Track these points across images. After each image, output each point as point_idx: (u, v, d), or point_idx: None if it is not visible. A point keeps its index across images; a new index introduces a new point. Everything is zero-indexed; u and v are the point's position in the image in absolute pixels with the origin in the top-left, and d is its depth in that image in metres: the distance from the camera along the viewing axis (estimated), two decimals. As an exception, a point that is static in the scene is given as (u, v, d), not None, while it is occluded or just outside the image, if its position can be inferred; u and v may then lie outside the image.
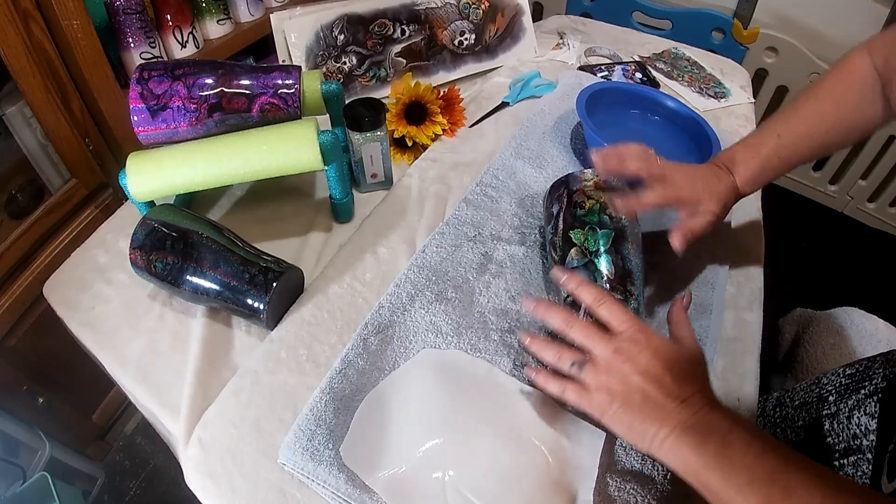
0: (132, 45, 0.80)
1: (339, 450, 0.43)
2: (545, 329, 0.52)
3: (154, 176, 0.54)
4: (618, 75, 0.93)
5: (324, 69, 0.80)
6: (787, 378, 0.73)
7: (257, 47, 1.03)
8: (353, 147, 0.63)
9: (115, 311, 0.56)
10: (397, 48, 0.83)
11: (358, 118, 0.60)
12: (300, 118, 0.58)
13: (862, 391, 0.50)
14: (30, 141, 0.76)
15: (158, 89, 0.54)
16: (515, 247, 0.61)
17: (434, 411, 0.45)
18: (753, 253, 0.66)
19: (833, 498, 0.31)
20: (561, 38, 1.04)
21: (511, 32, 0.93)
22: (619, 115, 0.78)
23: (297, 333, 0.52)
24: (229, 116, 0.56)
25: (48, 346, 0.81)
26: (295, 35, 0.78)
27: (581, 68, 0.94)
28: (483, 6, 0.88)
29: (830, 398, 0.54)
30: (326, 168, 0.57)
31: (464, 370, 0.49)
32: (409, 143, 0.74)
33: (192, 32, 0.89)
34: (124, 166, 0.54)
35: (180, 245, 0.51)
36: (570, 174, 0.56)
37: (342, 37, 0.80)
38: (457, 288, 0.56)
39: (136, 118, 0.54)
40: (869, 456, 0.46)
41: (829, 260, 1.53)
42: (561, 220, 0.53)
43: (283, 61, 0.79)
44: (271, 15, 0.77)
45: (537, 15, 1.70)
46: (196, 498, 0.44)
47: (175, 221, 0.53)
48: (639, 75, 0.94)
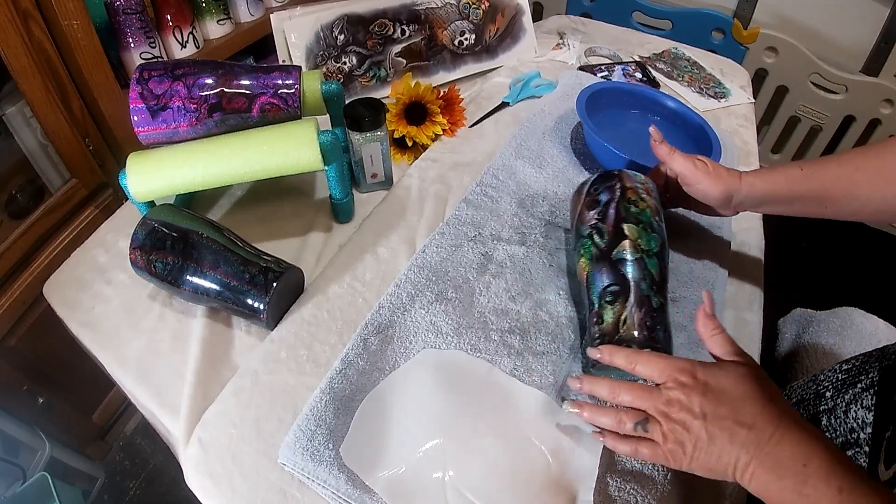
0: (132, 45, 0.80)
1: (339, 450, 0.43)
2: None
3: (154, 176, 0.54)
4: (618, 75, 0.93)
5: (324, 69, 0.80)
6: (786, 378, 0.73)
7: (257, 47, 1.03)
8: (353, 147, 0.63)
9: (115, 311, 0.56)
10: (397, 48, 0.83)
11: (358, 118, 0.60)
12: (300, 118, 0.58)
13: (858, 385, 0.51)
14: (30, 141, 0.75)
15: (158, 89, 0.54)
16: (515, 247, 0.61)
17: (434, 411, 0.45)
18: (753, 253, 0.67)
19: None
20: (561, 38, 1.04)
21: (511, 32, 0.93)
22: (619, 115, 0.78)
23: (297, 333, 0.52)
24: (229, 116, 0.56)
25: (48, 346, 0.81)
26: (295, 35, 0.78)
27: (581, 68, 0.94)
28: (483, 6, 0.88)
29: (827, 394, 0.54)
30: (326, 168, 0.57)
31: (464, 370, 0.49)
32: (409, 143, 0.74)
33: (192, 32, 0.89)
34: (124, 166, 0.54)
35: (180, 245, 0.51)
36: (623, 171, 0.56)
37: (342, 37, 0.80)
38: (457, 288, 0.56)
39: (136, 118, 0.54)
40: (866, 449, 0.46)
41: (829, 260, 1.53)
42: (612, 210, 0.52)
43: (283, 61, 0.79)
44: (271, 15, 0.77)
45: (537, 15, 1.70)
46: (196, 498, 0.44)
47: (175, 221, 0.53)
48: (639, 75, 0.94)
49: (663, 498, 0.43)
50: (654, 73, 0.95)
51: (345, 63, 0.81)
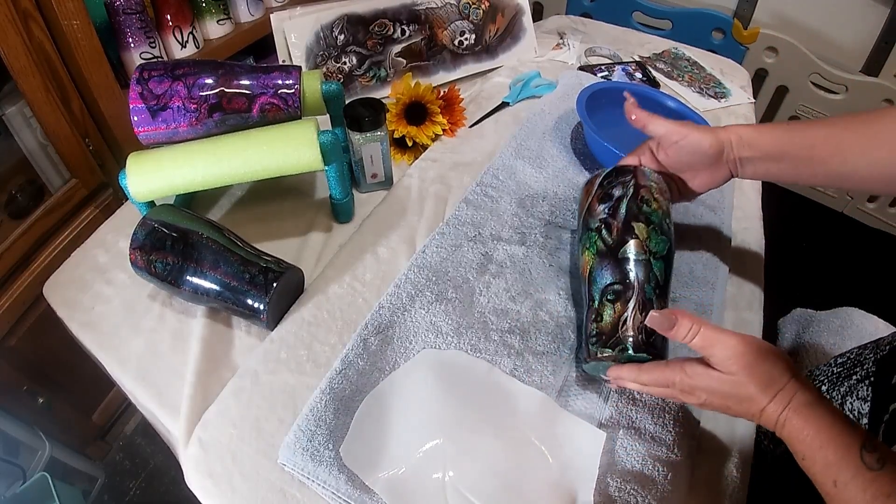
0: (132, 45, 0.80)
1: (339, 450, 0.43)
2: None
3: (154, 176, 0.54)
4: (618, 75, 0.93)
5: (324, 69, 0.80)
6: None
7: (257, 47, 1.03)
8: (353, 147, 0.63)
9: (115, 311, 0.56)
10: (397, 48, 0.83)
11: (358, 118, 0.60)
12: (300, 118, 0.58)
13: (853, 377, 0.51)
14: (30, 141, 0.76)
15: (158, 89, 0.54)
16: (515, 247, 0.61)
17: (434, 411, 0.45)
18: (753, 253, 0.67)
19: None
20: (561, 38, 1.04)
21: (511, 32, 0.93)
22: (619, 115, 0.77)
23: (297, 333, 0.52)
24: (229, 116, 0.56)
25: (48, 346, 0.81)
26: (295, 35, 0.78)
27: (581, 68, 0.94)
28: (483, 6, 0.88)
29: (823, 388, 0.54)
30: (326, 168, 0.57)
31: (464, 370, 0.49)
32: (409, 143, 0.74)
33: (192, 32, 0.89)
34: (124, 166, 0.54)
35: (180, 245, 0.51)
36: (638, 168, 0.54)
37: (342, 37, 0.80)
38: (457, 288, 0.56)
39: (136, 118, 0.54)
40: None
41: (829, 260, 1.53)
42: (624, 207, 0.51)
43: (283, 61, 0.79)
44: (271, 15, 0.77)
45: (537, 15, 1.70)
46: (196, 498, 0.44)
47: (175, 221, 0.53)
48: (639, 75, 0.94)
49: (663, 498, 0.43)
50: (654, 73, 0.95)
51: (345, 63, 0.81)
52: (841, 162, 0.48)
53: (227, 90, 0.55)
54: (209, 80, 0.55)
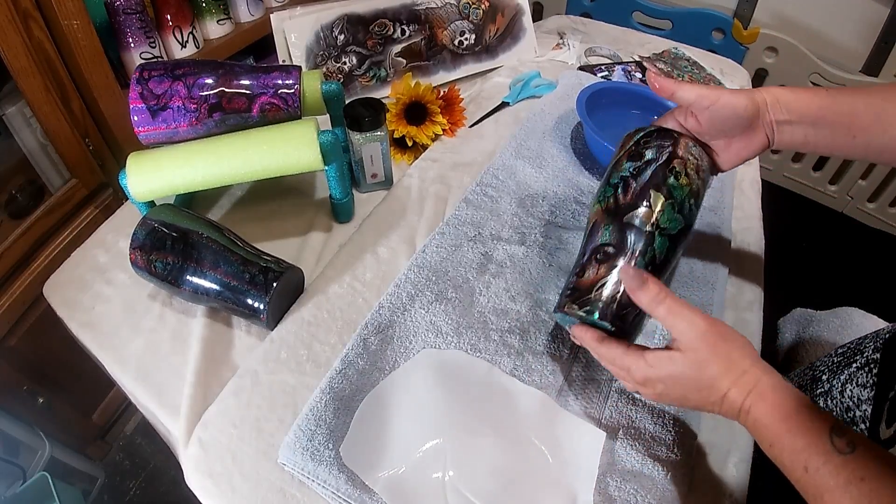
0: (132, 45, 0.80)
1: (339, 450, 0.43)
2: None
3: (154, 176, 0.54)
4: (618, 75, 0.93)
5: (324, 69, 0.80)
6: (786, 378, 0.74)
7: (257, 47, 1.03)
8: (353, 147, 0.63)
9: (115, 311, 0.56)
10: (397, 48, 0.83)
11: (358, 118, 0.60)
12: (300, 118, 0.58)
13: (853, 365, 0.51)
14: (30, 141, 0.76)
15: (158, 89, 0.54)
16: (515, 247, 0.61)
17: (434, 411, 0.45)
18: (753, 253, 0.66)
19: None
20: (561, 38, 1.04)
21: (511, 32, 0.93)
22: (619, 115, 0.78)
23: (297, 333, 0.52)
24: (229, 116, 0.56)
25: (48, 346, 0.81)
26: (295, 35, 0.78)
27: (581, 68, 0.94)
28: (483, 6, 0.88)
29: (823, 377, 0.54)
30: (326, 168, 0.57)
31: (464, 370, 0.49)
32: (409, 143, 0.74)
33: (192, 32, 0.89)
34: (124, 166, 0.54)
35: (180, 245, 0.51)
36: (683, 137, 0.49)
37: (342, 37, 0.80)
38: (457, 288, 0.56)
39: (136, 118, 0.54)
40: (862, 427, 0.47)
41: (829, 260, 1.53)
42: (650, 171, 0.47)
43: (283, 61, 0.79)
44: (271, 15, 0.77)
45: (537, 15, 1.70)
46: (196, 498, 0.44)
47: (175, 221, 0.53)
48: (639, 75, 0.94)
49: (663, 498, 0.43)
50: (654, 73, 0.95)
51: (345, 63, 0.81)
52: (881, 132, 0.46)
53: (227, 90, 0.55)
54: (209, 80, 0.55)
